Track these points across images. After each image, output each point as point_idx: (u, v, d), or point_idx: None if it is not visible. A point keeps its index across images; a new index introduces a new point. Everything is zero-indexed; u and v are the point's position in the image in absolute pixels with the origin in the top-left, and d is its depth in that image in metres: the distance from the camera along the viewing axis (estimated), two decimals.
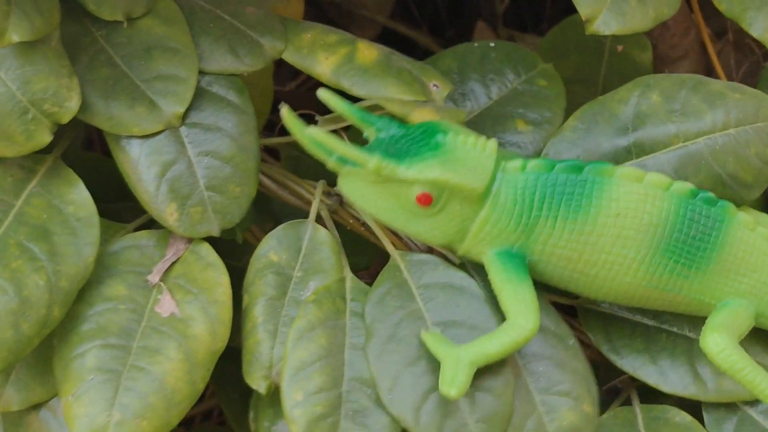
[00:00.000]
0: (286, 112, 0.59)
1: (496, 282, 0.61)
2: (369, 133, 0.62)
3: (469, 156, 0.60)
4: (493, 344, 0.60)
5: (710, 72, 1.00)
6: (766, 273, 0.64)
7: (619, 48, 0.90)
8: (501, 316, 0.62)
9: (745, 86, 0.69)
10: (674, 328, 0.68)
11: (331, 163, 0.61)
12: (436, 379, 0.60)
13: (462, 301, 0.63)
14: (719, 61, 0.90)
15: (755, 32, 0.70)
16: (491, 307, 0.62)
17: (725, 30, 1.00)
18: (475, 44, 0.76)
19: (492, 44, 0.76)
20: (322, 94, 0.61)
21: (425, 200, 0.60)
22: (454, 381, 0.59)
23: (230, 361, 0.65)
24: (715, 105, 0.67)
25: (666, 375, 0.67)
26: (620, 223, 0.61)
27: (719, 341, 0.62)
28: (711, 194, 0.63)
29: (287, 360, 0.62)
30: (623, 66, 0.90)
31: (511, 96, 0.74)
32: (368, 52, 0.69)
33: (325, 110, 1.02)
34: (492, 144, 0.61)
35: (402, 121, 0.62)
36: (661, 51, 0.97)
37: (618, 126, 0.68)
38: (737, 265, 0.64)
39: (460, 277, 0.63)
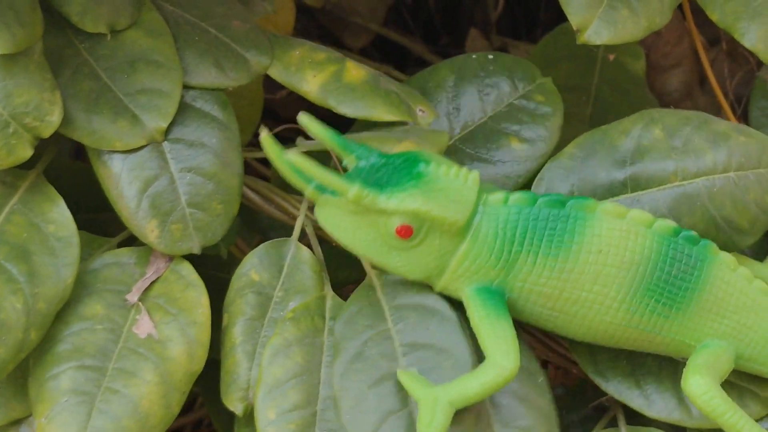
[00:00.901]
0: (264, 138, 0.58)
1: (474, 319, 0.60)
2: (349, 161, 0.61)
3: (450, 187, 0.59)
4: (472, 385, 0.58)
5: (703, 81, 1.00)
6: (747, 314, 0.63)
7: (611, 57, 0.89)
8: (473, 341, 0.60)
9: (751, 129, 0.68)
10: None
11: (309, 192, 0.59)
12: (398, 401, 0.59)
13: (432, 323, 0.61)
14: (712, 70, 0.89)
15: (747, 43, 0.69)
16: (463, 331, 0.61)
17: (719, 38, 0.99)
18: (473, 56, 0.75)
19: (491, 56, 0.74)
20: (303, 119, 0.60)
21: (405, 232, 0.59)
22: (432, 423, 0.57)
23: (219, 372, 0.64)
24: (718, 145, 0.66)
25: (651, 399, 0.66)
26: (602, 260, 0.60)
27: (701, 384, 0.61)
28: (693, 233, 0.62)
29: (262, 377, 0.61)
30: (616, 74, 0.90)
31: (507, 112, 0.73)
32: (356, 71, 0.68)
33: (324, 120, 1.02)
34: (474, 176, 0.60)
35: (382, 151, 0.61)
36: (653, 59, 0.97)
37: (616, 158, 0.66)
38: (718, 306, 0.63)
39: (434, 300, 0.62)
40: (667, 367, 0.67)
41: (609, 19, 0.68)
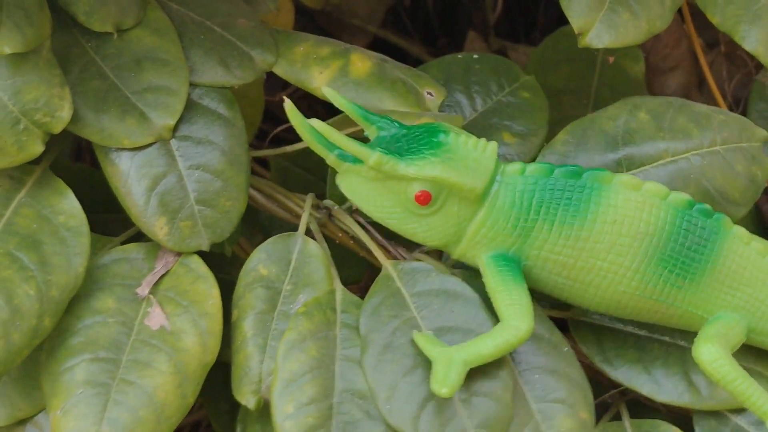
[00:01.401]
0: (289, 106, 0.59)
1: (490, 285, 0.61)
2: (370, 131, 0.62)
3: (469, 156, 0.61)
4: (486, 345, 0.59)
5: (702, 83, 1.00)
6: (759, 288, 0.64)
7: (611, 59, 0.90)
8: (496, 320, 0.61)
9: (727, 110, 0.70)
10: (666, 338, 0.68)
11: (331, 159, 0.61)
12: None
13: (456, 306, 0.62)
14: (711, 72, 0.90)
15: (748, 46, 0.70)
16: (486, 311, 0.62)
17: (717, 41, 1.00)
18: (459, 56, 0.77)
19: (476, 56, 0.77)
20: (327, 91, 0.62)
21: (424, 198, 0.61)
22: (446, 380, 0.58)
23: (219, 373, 0.65)
24: (701, 124, 0.68)
25: (660, 384, 0.67)
26: (617, 230, 0.62)
27: (712, 351, 0.62)
28: (707, 206, 0.63)
29: (278, 372, 0.61)
30: (615, 77, 0.90)
31: (496, 108, 0.74)
32: (361, 64, 0.69)
33: (323, 119, 1.02)
34: (492, 146, 0.61)
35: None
36: (652, 62, 0.98)
37: (608, 141, 0.68)
38: (731, 279, 0.64)
39: (454, 282, 0.63)
40: (674, 353, 0.67)
41: (610, 23, 0.69)
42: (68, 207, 0.64)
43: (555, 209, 0.61)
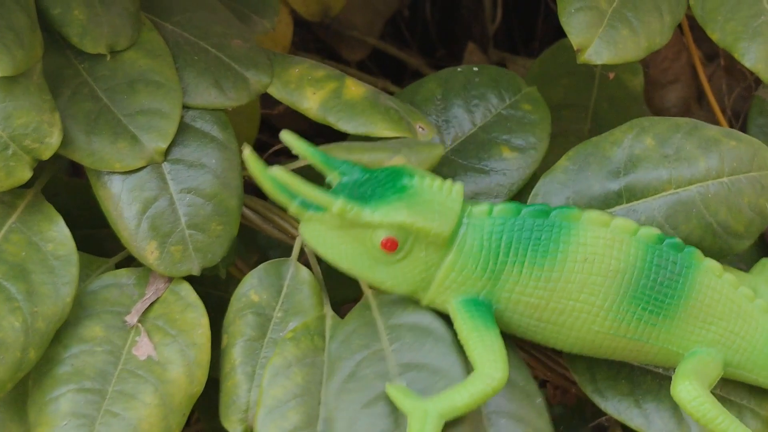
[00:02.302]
0: (248, 156, 0.57)
1: (462, 331, 0.60)
2: (332, 177, 0.60)
3: (435, 199, 0.59)
4: (461, 396, 0.58)
5: (701, 97, 1.00)
6: (733, 321, 0.63)
7: (611, 75, 0.89)
8: (466, 362, 0.60)
9: (741, 133, 0.68)
10: (660, 370, 0.67)
11: (293, 208, 0.59)
12: (392, 423, 0.59)
13: (428, 343, 0.61)
14: (710, 86, 0.89)
15: (748, 62, 0.69)
16: (457, 352, 0.61)
17: (716, 53, 0.99)
18: (459, 69, 0.75)
19: (476, 68, 0.75)
20: (285, 137, 0.60)
21: (390, 245, 0.59)
22: None
23: (216, 391, 0.64)
24: (709, 151, 0.66)
25: (650, 419, 0.66)
26: (587, 269, 0.60)
27: (690, 389, 0.61)
28: (678, 240, 0.62)
29: (262, 398, 0.61)
30: (614, 91, 0.90)
31: (496, 122, 0.73)
32: (356, 88, 0.69)
33: (312, 132, 1.02)
34: (458, 188, 0.60)
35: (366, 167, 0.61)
36: (651, 75, 0.97)
37: (610, 169, 0.66)
38: (705, 313, 0.63)
39: (430, 320, 0.62)
40: (666, 387, 0.66)
41: (609, 39, 0.68)
42: (58, 235, 0.64)
43: (524, 250, 0.60)
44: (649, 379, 0.67)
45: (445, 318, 0.62)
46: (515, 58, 1.07)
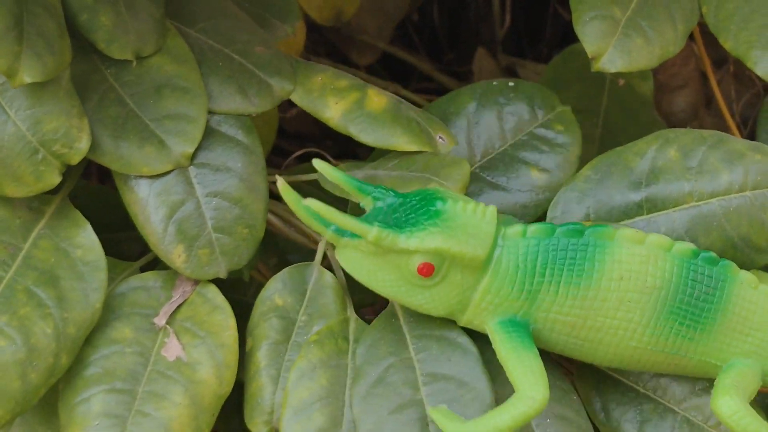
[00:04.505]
0: (283, 187, 0.59)
1: (501, 352, 0.60)
2: (366, 202, 0.61)
3: (469, 223, 0.60)
4: (503, 418, 0.58)
5: (709, 102, 1.01)
6: None
7: (621, 82, 0.90)
8: (492, 377, 0.61)
9: (767, 147, 0.67)
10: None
11: (329, 235, 0.60)
12: (418, 431, 0.60)
13: (455, 355, 0.62)
14: (719, 91, 0.90)
15: (760, 71, 0.70)
16: (483, 367, 0.62)
17: (725, 59, 1.00)
18: (494, 83, 0.75)
19: (511, 83, 0.75)
20: (318, 164, 0.60)
21: (426, 271, 0.59)
22: None
23: (233, 393, 0.65)
24: (733, 164, 0.66)
25: None
26: (624, 286, 0.61)
27: (731, 404, 0.61)
28: (712, 254, 0.62)
29: (287, 399, 0.61)
30: (624, 96, 0.90)
31: (527, 141, 0.73)
32: (378, 99, 0.69)
33: (321, 135, 1.03)
34: (491, 210, 0.60)
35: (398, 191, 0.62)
36: (660, 80, 0.98)
37: (632, 179, 0.67)
38: (742, 325, 0.63)
39: (456, 333, 0.63)
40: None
41: (623, 48, 0.68)
42: (86, 240, 0.65)
43: (560, 270, 0.60)
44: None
45: (472, 333, 0.63)
46: (525, 63, 1.08)
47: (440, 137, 0.69)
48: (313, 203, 0.58)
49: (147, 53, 0.67)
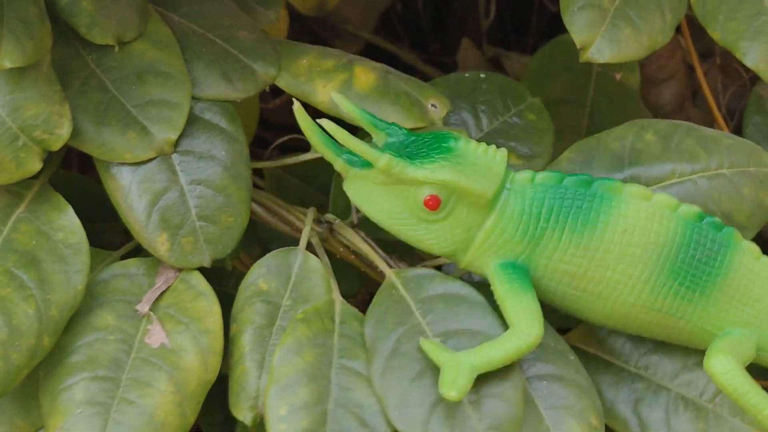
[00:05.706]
0: (298, 108, 0.59)
1: (499, 292, 0.61)
2: (379, 138, 0.62)
3: (479, 162, 0.60)
4: (496, 350, 0.59)
5: (696, 94, 1.01)
6: None
7: (618, 76, 0.90)
8: (504, 323, 0.61)
9: (735, 135, 0.69)
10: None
11: (339, 164, 0.61)
12: None
13: (462, 309, 0.62)
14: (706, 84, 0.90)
15: (749, 62, 0.70)
16: (493, 314, 0.62)
17: (711, 51, 1.00)
18: (466, 74, 0.77)
19: (483, 75, 0.76)
20: (336, 96, 0.61)
21: (433, 203, 0.60)
22: (454, 383, 0.58)
23: (214, 384, 0.64)
24: (709, 147, 0.68)
25: None
26: (627, 240, 0.61)
27: (724, 362, 0.62)
28: (717, 219, 0.63)
29: (273, 376, 0.61)
30: (611, 88, 0.90)
31: (502, 129, 0.74)
32: (365, 76, 0.69)
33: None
34: (502, 153, 0.61)
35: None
36: (647, 72, 0.98)
37: (614, 161, 0.68)
38: (741, 293, 0.63)
39: (459, 287, 0.63)
40: None
41: (612, 38, 0.68)
42: (68, 223, 0.64)
43: (565, 218, 0.61)
44: None
45: (476, 285, 0.63)
46: (510, 54, 1.07)
47: (432, 104, 0.69)
48: (326, 123, 0.59)
49: (129, 38, 0.66)
